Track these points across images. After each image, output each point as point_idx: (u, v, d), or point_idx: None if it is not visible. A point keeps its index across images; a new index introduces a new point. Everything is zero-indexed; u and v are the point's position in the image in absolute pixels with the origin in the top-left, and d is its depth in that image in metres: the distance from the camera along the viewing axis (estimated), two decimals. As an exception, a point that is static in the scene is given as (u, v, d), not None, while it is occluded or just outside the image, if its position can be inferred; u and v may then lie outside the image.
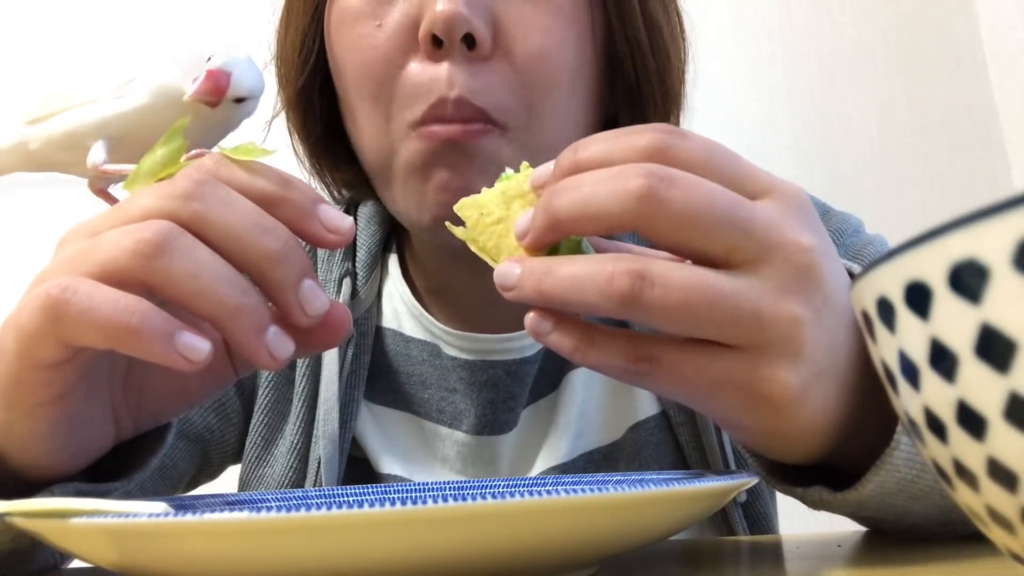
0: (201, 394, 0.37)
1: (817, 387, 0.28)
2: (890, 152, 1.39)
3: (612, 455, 0.53)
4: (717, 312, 0.27)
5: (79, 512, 0.26)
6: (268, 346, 0.30)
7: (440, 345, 0.53)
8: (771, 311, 0.27)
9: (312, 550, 0.23)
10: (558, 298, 0.28)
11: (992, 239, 0.15)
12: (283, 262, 0.31)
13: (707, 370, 0.28)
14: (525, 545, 0.24)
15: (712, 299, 0.27)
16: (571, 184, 0.28)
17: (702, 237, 0.27)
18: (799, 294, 0.28)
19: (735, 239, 0.27)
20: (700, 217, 0.27)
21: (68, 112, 0.40)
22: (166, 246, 0.29)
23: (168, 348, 0.28)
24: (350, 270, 0.55)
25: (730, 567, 0.33)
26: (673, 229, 0.27)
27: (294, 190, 0.32)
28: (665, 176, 0.27)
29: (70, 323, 0.28)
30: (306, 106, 0.52)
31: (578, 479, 0.41)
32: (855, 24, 1.43)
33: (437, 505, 0.22)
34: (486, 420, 0.52)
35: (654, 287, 0.26)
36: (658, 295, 0.26)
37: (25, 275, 0.33)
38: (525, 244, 0.30)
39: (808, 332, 0.28)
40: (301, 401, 0.53)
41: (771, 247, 0.27)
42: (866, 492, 0.30)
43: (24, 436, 0.32)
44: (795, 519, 0.54)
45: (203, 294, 0.29)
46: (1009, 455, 0.16)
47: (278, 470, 0.53)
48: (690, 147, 0.28)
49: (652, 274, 0.26)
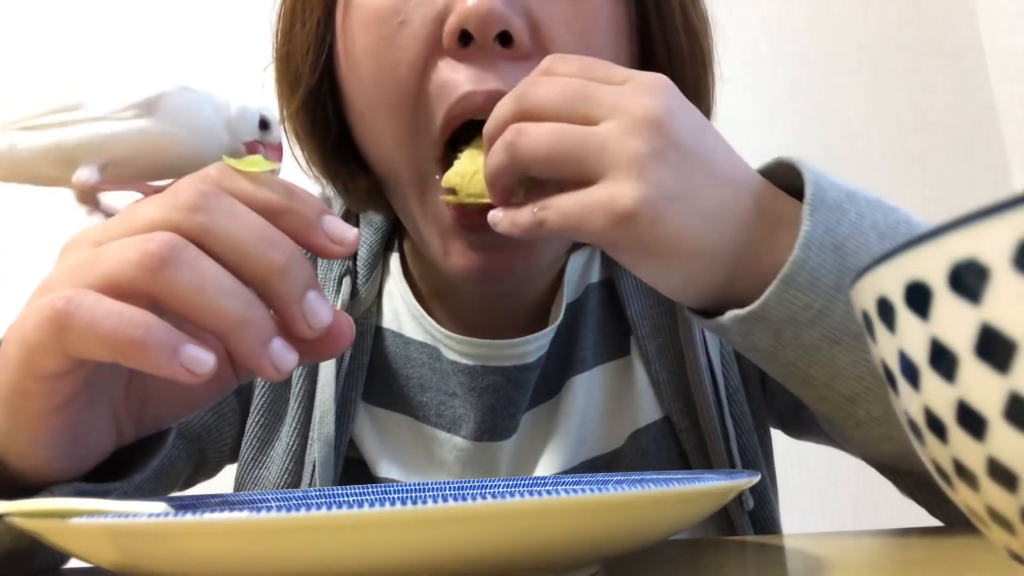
0: (203, 400, 0.37)
1: (671, 210, 0.34)
2: (890, 152, 1.39)
3: (614, 463, 0.52)
4: (571, 149, 0.34)
5: (79, 512, 0.26)
6: (272, 358, 0.30)
7: (440, 348, 0.52)
8: (614, 145, 0.34)
9: (312, 550, 0.23)
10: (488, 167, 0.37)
11: (992, 239, 0.15)
12: (288, 274, 0.30)
13: (580, 201, 0.34)
14: (525, 545, 0.24)
15: (566, 139, 0.34)
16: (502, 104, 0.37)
17: (560, 113, 0.35)
18: (638, 135, 0.34)
19: (585, 108, 0.35)
20: (555, 98, 0.35)
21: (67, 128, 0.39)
22: (171, 259, 0.29)
23: (173, 361, 0.28)
24: (350, 268, 0.54)
25: (730, 567, 0.33)
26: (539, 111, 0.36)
27: (299, 201, 0.32)
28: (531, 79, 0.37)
29: (74, 336, 0.28)
30: (315, 109, 0.48)
31: (578, 479, 0.41)
32: (855, 24, 1.43)
33: (437, 505, 0.22)
34: (486, 426, 0.51)
35: (526, 136, 0.35)
36: (528, 142, 0.35)
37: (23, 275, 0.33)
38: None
39: (647, 161, 0.33)
40: (298, 402, 0.52)
41: (617, 107, 0.34)
42: (771, 303, 0.34)
43: (25, 444, 0.32)
44: (795, 519, 0.54)
45: (208, 307, 0.29)
46: (1009, 455, 0.16)
47: (274, 472, 0.52)
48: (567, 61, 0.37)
49: (525, 127, 0.35)
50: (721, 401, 0.51)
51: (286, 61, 0.49)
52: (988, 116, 1.41)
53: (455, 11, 0.40)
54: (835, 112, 1.40)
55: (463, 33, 0.40)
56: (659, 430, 0.52)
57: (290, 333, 0.31)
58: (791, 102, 1.40)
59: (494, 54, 0.41)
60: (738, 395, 0.52)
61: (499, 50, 0.41)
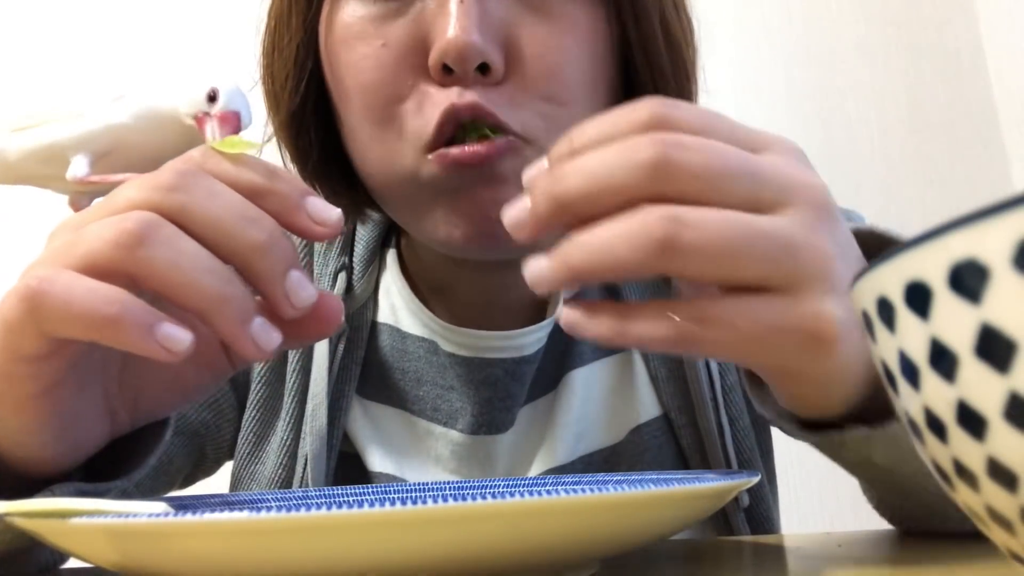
0: (198, 389, 0.37)
1: (853, 324, 0.28)
2: (890, 152, 1.39)
3: (612, 458, 0.52)
4: (756, 247, 0.26)
5: (79, 512, 0.26)
6: (254, 337, 0.30)
7: (438, 341, 0.52)
8: (804, 244, 0.27)
9: (312, 550, 0.23)
10: (590, 267, 0.27)
11: (992, 239, 0.15)
12: (269, 253, 0.30)
13: (760, 317, 0.27)
14: (525, 545, 0.24)
15: (749, 234, 0.26)
16: (575, 167, 0.27)
17: (722, 194, 0.27)
18: (824, 230, 0.28)
19: (754, 189, 0.27)
20: (716, 174, 0.27)
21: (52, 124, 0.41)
22: (148, 236, 0.29)
23: (148, 339, 0.28)
24: (346, 264, 0.54)
25: (730, 567, 0.33)
26: (692, 191, 0.26)
27: (281, 181, 0.32)
28: (674, 141, 0.27)
29: (49, 314, 0.28)
30: (299, 130, 0.49)
31: (578, 479, 0.41)
32: (855, 24, 1.43)
33: (437, 505, 0.22)
34: (483, 419, 0.52)
35: (690, 229, 0.26)
36: (697, 236, 0.26)
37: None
38: (524, 237, 0.29)
39: (838, 265, 0.28)
40: (291, 397, 0.52)
41: (788, 189, 0.28)
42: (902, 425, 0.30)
43: (15, 430, 0.32)
44: (795, 519, 0.54)
45: (186, 284, 0.29)
46: (1009, 455, 0.16)
47: (269, 467, 0.52)
48: (688, 114, 0.28)
49: (685, 217, 0.26)
50: (717, 399, 0.51)
51: (269, 82, 0.49)
52: (988, 116, 1.41)
53: (436, 46, 0.41)
54: (835, 112, 1.40)
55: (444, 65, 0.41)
56: (659, 426, 0.53)
57: (275, 315, 0.31)
58: (791, 102, 1.40)
59: (475, 80, 0.41)
60: (734, 393, 0.52)
61: (480, 78, 0.41)
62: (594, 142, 0.28)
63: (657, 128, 0.28)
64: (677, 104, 0.29)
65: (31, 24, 1.40)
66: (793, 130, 1.37)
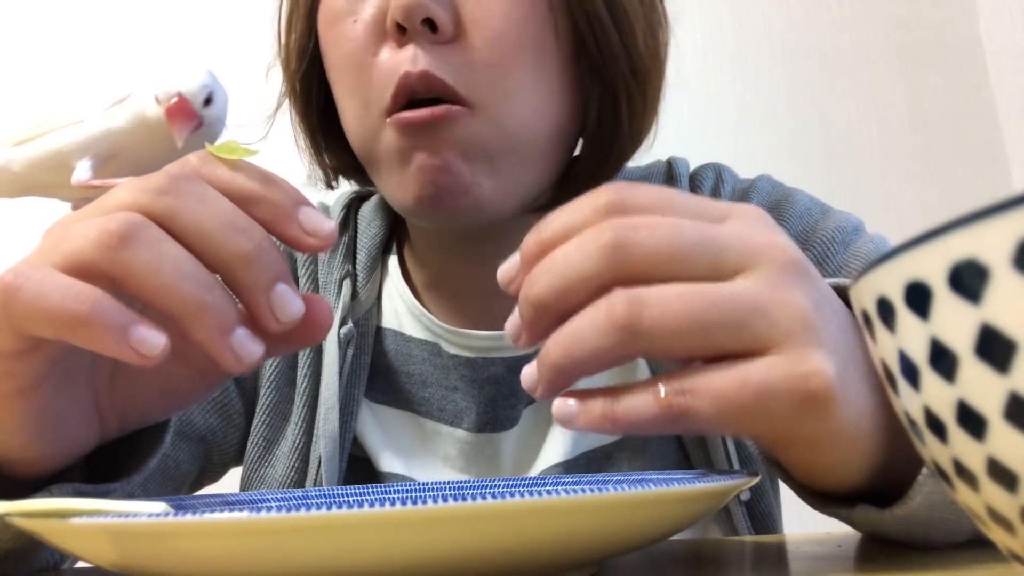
0: (190, 396, 0.37)
1: (849, 379, 0.27)
2: (890, 152, 1.39)
3: (615, 454, 0.53)
4: (723, 314, 0.26)
5: (79, 512, 0.26)
6: (233, 348, 0.29)
7: (441, 344, 0.54)
8: (771, 301, 0.26)
9: (312, 550, 0.23)
10: (569, 361, 0.27)
11: (992, 239, 0.15)
12: (254, 264, 0.30)
13: (747, 381, 0.26)
14: (525, 545, 0.24)
15: (711, 302, 0.26)
16: (543, 268, 0.28)
17: (682, 268, 0.27)
18: (791, 284, 0.27)
19: (715, 258, 0.27)
20: (672, 249, 0.27)
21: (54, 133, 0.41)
22: (130, 238, 0.28)
23: (120, 341, 0.28)
24: (350, 272, 0.56)
25: (731, 567, 0.33)
26: (652, 269, 0.27)
27: (276, 190, 0.32)
28: (627, 224, 0.27)
29: (20, 310, 0.28)
30: (306, 98, 0.54)
31: (578, 479, 0.41)
32: (855, 24, 1.43)
33: (437, 505, 0.22)
34: (487, 417, 0.53)
35: (650, 307, 0.26)
36: (658, 314, 0.26)
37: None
38: (524, 345, 0.30)
39: (817, 318, 0.27)
40: (302, 401, 0.53)
41: (750, 253, 0.27)
42: (915, 505, 0.29)
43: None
44: (796, 519, 0.54)
45: (164, 288, 0.28)
46: (1009, 455, 0.16)
47: (280, 470, 0.53)
48: (644, 194, 0.29)
49: (644, 296, 0.26)
50: None
51: (285, 59, 0.54)
52: (988, 116, 1.41)
53: (391, 6, 0.44)
54: (835, 112, 1.40)
55: (399, 24, 0.44)
56: None
57: (259, 326, 0.31)
58: (791, 102, 1.40)
59: (423, 38, 0.44)
60: None
61: (428, 35, 0.44)
62: (559, 234, 0.29)
63: (613, 213, 0.28)
64: (634, 187, 0.29)
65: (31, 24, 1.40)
66: (793, 130, 1.38)
